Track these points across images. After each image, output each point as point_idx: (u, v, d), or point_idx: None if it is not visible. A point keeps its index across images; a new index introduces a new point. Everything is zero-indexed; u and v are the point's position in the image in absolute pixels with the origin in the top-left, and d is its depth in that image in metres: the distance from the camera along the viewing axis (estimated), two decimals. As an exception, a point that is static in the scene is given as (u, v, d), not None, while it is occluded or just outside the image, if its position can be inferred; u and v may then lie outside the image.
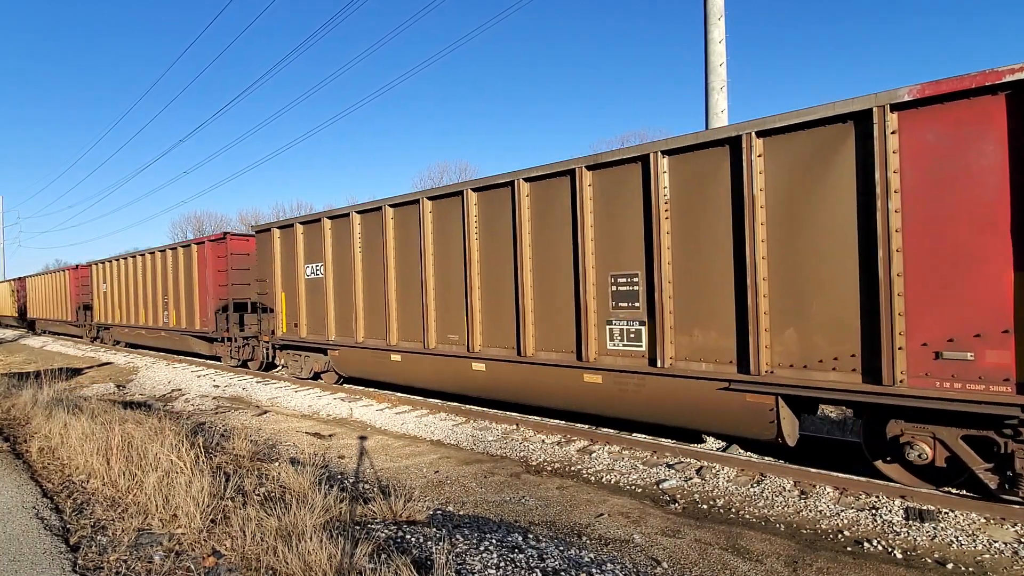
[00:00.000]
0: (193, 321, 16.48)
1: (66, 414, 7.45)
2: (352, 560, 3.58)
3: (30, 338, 31.62)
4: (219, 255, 15.60)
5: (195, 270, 16.32)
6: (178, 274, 17.26)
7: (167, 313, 17.87)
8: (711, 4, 10.69)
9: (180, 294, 17.14)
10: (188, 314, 16.77)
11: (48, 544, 4.03)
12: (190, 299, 16.60)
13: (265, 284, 13.00)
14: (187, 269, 16.86)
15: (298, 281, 11.91)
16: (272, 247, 12.65)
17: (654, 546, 4.80)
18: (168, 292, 17.75)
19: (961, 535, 4.80)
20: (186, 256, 17.00)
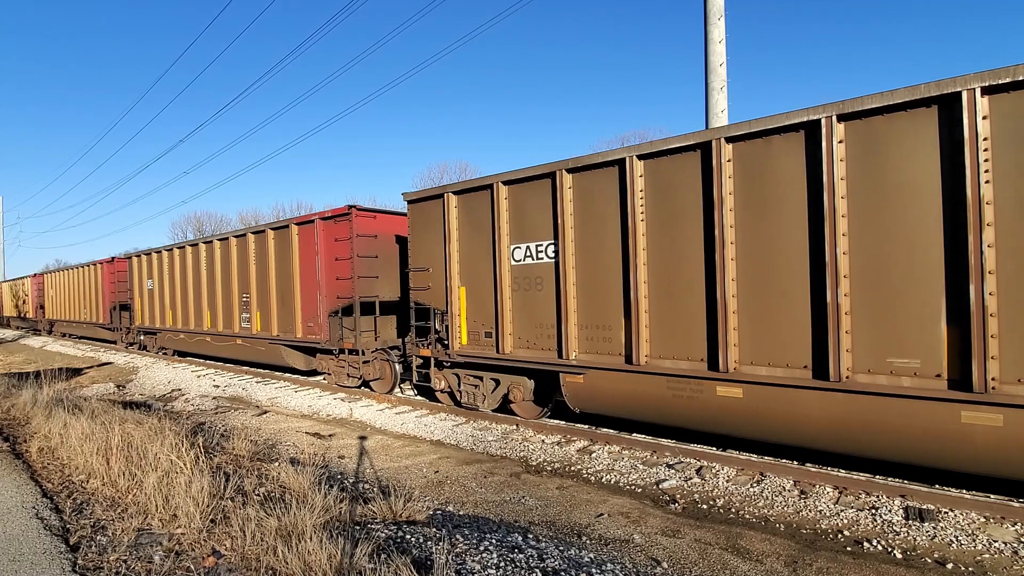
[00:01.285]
0: (291, 327, 12.58)
1: (66, 414, 7.45)
2: (352, 560, 3.58)
3: (30, 338, 31.57)
4: (338, 237, 11.43)
5: (296, 260, 12.40)
6: (266, 266, 13.24)
7: (248, 317, 13.98)
8: (711, 4, 10.69)
9: (270, 292, 13.15)
10: (284, 318, 12.82)
11: (48, 544, 4.02)
12: (287, 298, 12.69)
13: (427, 275, 9.44)
14: (283, 258, 12.86)
15: (498, 269, 8.29)
16: (443, 221, 9.04)
17: (654, 546, 4.80)
18: (250, 289, 13.81)
19: (961, 535, 4.80)
20: (281, 241, 12.94)
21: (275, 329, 13.10)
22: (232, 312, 14.61)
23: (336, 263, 11.49)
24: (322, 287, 11.74)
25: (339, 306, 11.51)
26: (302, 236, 12.37)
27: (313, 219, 11.96)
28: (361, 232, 11.31)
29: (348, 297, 11.29)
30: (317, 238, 11.80)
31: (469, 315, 8.89)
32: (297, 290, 12.45)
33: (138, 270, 19.67)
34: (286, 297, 12.80)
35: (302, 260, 12.32)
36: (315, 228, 11.87)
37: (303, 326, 12.38)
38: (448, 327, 9.17)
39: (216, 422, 9.66)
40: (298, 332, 12.45)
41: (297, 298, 12.45)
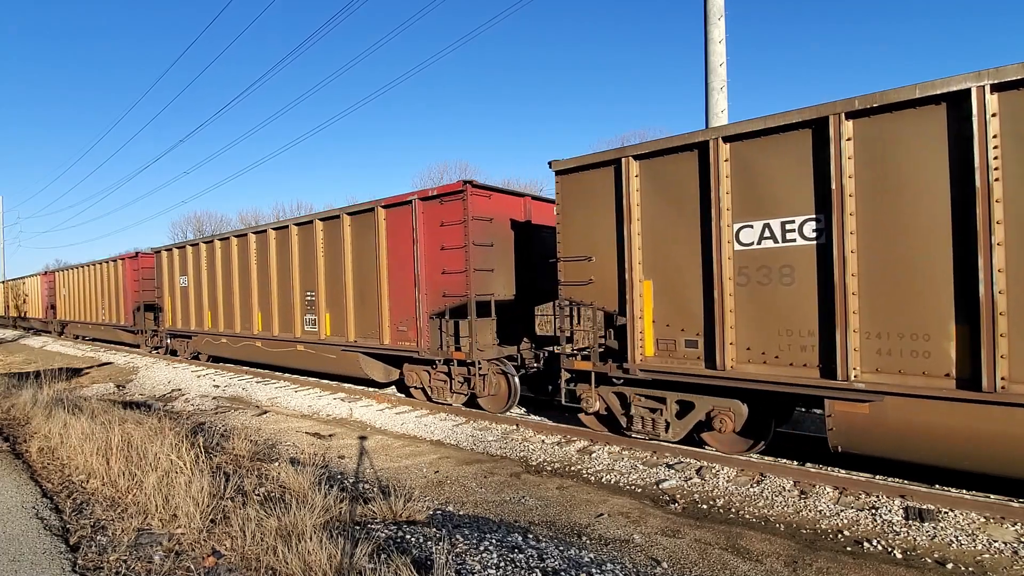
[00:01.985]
0: (374, 331, 10.53)
1: (66, 414, 7.45)
2: (352, 560, 3.58)
3: (30, 338, 31.56)
4: (445, 221, 9.36)
5: (382, 250, 10.38)
6: (340, 258, 11.26)
7: (313, 319, 12.06)
8: (711, 4, 10.69)
9: (344, 289, 11.15)
10: (364, 321, 10.83)
11: (48, 544, 4.02)
12: (368, 297, 10.70)
13: (587, 267, 7.39)
14: (363, 249, 10.82)
15: (714, 256, 6.24)
16: (617, 196, 7.02)
17: (654, 546, 4.80)
18: (317, 286, 11.83)
19: (961, 535, 4.80)
20: (360, 229, 10.87)
21: (352, 334, 11.02)
22: (292, 313, 12.55)
23: (442, 253, 9.43)
24: (421, 283, 9.65)
25: (445, 306, 9.42)
26: (392, 221, 10.25)
27: (410, 199, 9.81)
28: (477, 214, 9.18)
29: (459, 295, 9.14)
30: (416, 222, 9.69)
31: (658, 317, 6.80)
32: (383, 287, 10.37)
33: (168, 266, 17.47)
34: (367, 296, 10.72)
35: (392, 250, 10.27)
36: (412, 211, 9.76)
37: (392, 330, 10.27)
38: (627, 333, 6.96)
39: (216, 422, 9.65)
40: (385, 338, 10.33)
41: (384, 297, 10.37)
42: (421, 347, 9.71)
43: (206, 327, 15.78)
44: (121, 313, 21.24)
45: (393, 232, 10.30)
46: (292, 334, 12.61)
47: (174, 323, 17.49)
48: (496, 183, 12.14)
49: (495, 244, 9.53)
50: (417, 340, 9.77)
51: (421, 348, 9.72)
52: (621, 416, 7.51)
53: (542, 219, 10.59)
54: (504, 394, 9.37)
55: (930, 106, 5.13)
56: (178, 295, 17.13)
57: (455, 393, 9.85)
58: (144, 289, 19.91)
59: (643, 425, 7.30)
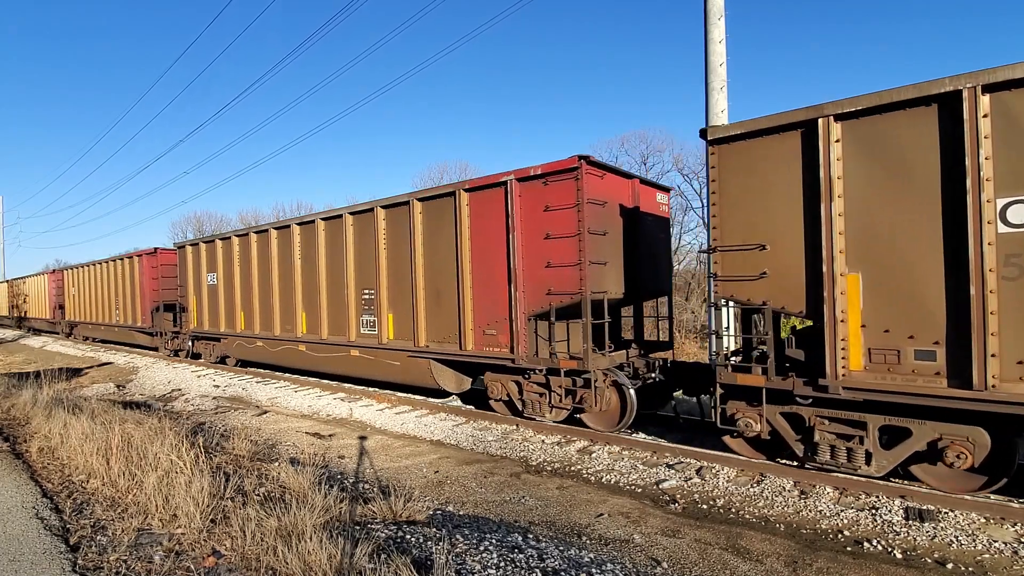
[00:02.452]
0: (450, 335, 9.19)
1: (66, 414, 7.45)
2: (352, 560, 3.58)
3: (29, 338, 31.54)
4: (551, 205, 7.90)
5: (464, 239, 8.96)
6: (406, 250, 9.83)
7: (373, 320, 10.60)
8: (711, 4, 10.70)
9: (413, 285, 9.76)
10: (439, 322, 9.40)
11: (48, 544, 4.02)
12: (445, 295, 9.27)
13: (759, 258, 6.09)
14: (438, 239, 9.39)
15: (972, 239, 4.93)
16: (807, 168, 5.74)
17: (654, 546, 4.80)
18: (378, 283, 10.40)
19: (961, 535, 4.80)
20: (435, 216, 9.46)
21: (423, 338, 9.64)
22: (346, 314, 11.14)
23: (546, 244, 7.93)
24: (518, 279, 8.21)
25: (549, 305, 7.93)
26: (478, 206, 8.77)
27: (503, 180, 8.34)
28: (593, 196, 7.74)
29: (570, 292, 7.73)
30: (511, 207, 8.21)
31: (869, 321, 5.44)
32: (465, 284, 8.92)
33: (194, 262, 16.06)
34: (444, 294, 9.32)
35: (478, 240, 8.80)
36: (506, 193, 8.29)
37: (476, 334, 8.83)
38: (822, 341, 5.64)
39: (216, 422, 9.65)
40: (467, 343, 8.90)
41: (466, 295, 8.91)
42: (518, 354, 8.27)
43: (238, 329, 14.37)
44: (138, 314, 19.72)
45: (479, 219, 8.76)
46: (345, 337, 11.19)
47: (200, 324, 16.05)
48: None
49: (607, 233, 8.14)
50: (512, 345, 8.35)
51: (518, 355, 8.27)
52: (795, 443, 6.12)
53: (647, 207, 9.33)
54: (615, 410, 8.02)
55: None
56: (205, 294, 15.72)
57: (554, 408, 8.38)
58: (164, 288, 18.50)
59: (832, 455, 5.85)
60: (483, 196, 8.75)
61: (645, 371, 8.53)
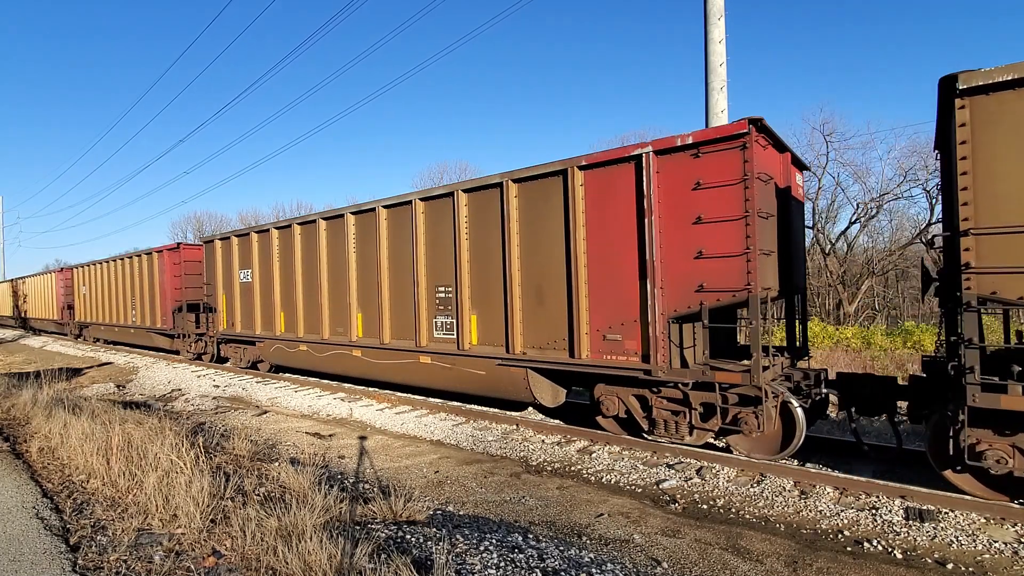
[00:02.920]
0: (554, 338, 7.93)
1: (66, 414, 7.45)
2: (352, 560, 3.57)
3: (29, 338, 31.52)
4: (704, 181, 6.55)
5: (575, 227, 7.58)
6: (497, 240, 8.50)
7: (450, 321, 9.29)
8: (711, 4, 10.70)
9: (505, 282, 8.40)
10: (536, 324, 8.15)
11: (48, 544, 4.02)
12: (548, 292, 7.98)
13: None
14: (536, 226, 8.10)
15: None
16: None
17: (654, 546, 4.80)
18: (456, 278, 9.07)
19: (961, 535, 4.80)
20: (531, 199, 8.14)
21: (519, 343, 8.29)
22: (414, 315, 9.75)
23: (696, 229, 6.57)
24: (656, 272, 6.82)
25: (700, 305, 6.56)
26: (597, 186, 7.37)
27: (636, 153, 6.94)
28: (762, 170, 6.44)
29: (731, 289, 6.33)
30: (646, 185, 6.83)
31: None
32: (579, 279, 7.52)
33: (224, 258, 14.70)
34: (547, 291, 7.95)
35: (596, 226, 7.41)
36: (641, 169, 6.91)
37: (593, 339, 7.47)
38: None
39: (216, 422, 9.65)
40: (581, 350, 7.52)
41: (580, 292, 7.53)
42: (655, 363, 6.84)
43: (277, 331, 12.98)
44: (157, 314, 18.34)
45: (598, 201, 7.37)
46: (413, 342, 9.79)
47: (230, 326, 14.64)
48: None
49: (770, 217, 6.87)
50: (647, 353, 6.95)
51: (655, 365, 6.84)
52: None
53: (795, 187, 8.17)
54: (776, 433, 6.59)
55: None
56: (237, 293, 14.30)
57: (698, 429, 6.98)
58: (187, 286, 17.20)
59: None
60: (604, 174, 7.31)
61: (805, 384, 6.98)
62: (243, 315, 14.31)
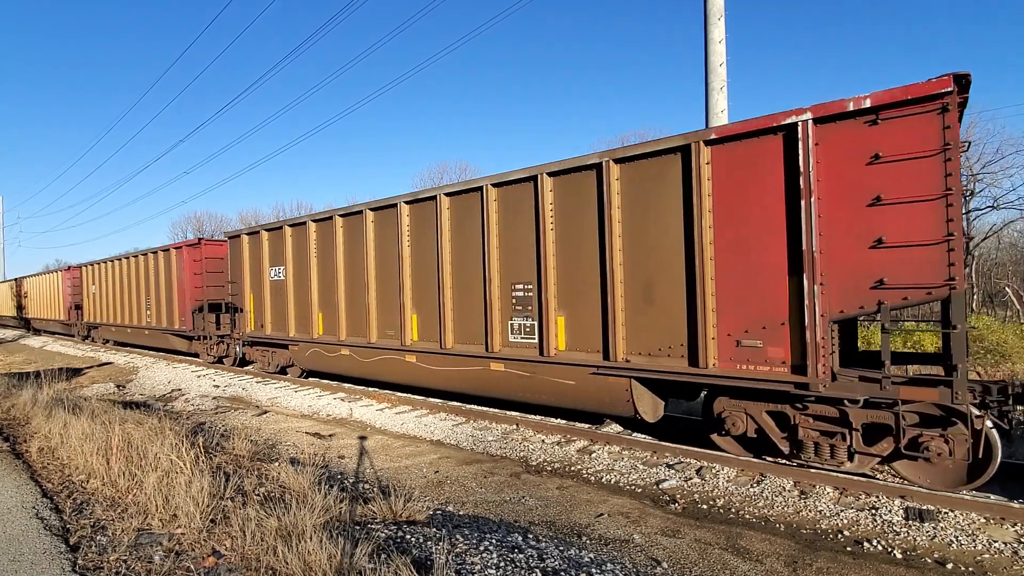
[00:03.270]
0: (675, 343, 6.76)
1: (66, 414, 7.45)
2: (352, 560, 3.58)
3: (29, 338, 31.50)
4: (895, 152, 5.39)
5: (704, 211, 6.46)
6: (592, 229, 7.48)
7: (528, 325, 8.22)
8: (711, 4, 10.69)
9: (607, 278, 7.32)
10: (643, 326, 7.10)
11: (48, 544, 4.02)
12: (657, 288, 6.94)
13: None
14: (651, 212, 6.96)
15: None
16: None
17: (654, 546, 4.80)
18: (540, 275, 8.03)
19: (961, 535, 4.80)
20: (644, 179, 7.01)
21: (621, 349, 7.20)
22: (484, 316, 8.64)
23: (871, 212, 5.50)
24: (815, 264, 5.73)
25: (876, 304, 5.49)
26: (728, 162, 6.32)
27: (790, 121, 5.84)
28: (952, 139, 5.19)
29: (925, 285, 5.27)
30: (803, 161, 5.77)
31: None
32: (705, 272, 6.45)
33: (252, 254, 13.64)
34: (658, 287, 6.88)
35: (726, 210, 6.33)
36: (796, 140, 5.82)
37: (722, 345, 6.37)
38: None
39: (216, 422, 9.65)
40: (708, 357, 6.41)
41: (705, 289, 6.43)
42: (816, 375, 5.71)
43: (315, 333, 11.77)
44: (175, 315, 17.15)
45: (730, 181, 6.30)
46: (481, 347, 8.77)
47: (259, 327, 13.51)
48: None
49: None
50: (800, 363, 5.82)
51: (816, 377, 5.72)
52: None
53: None
54: (960, 460, 5.45)
55: None
56: (267, 292, 13.18)
57: (861, 454, 5.94)
58: (209, 285, 16.10)
59: None
60: (740, 149, 6.24)
61: (991, 399, 5.66)
62: (274, 316, 13.14)
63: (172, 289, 17.38)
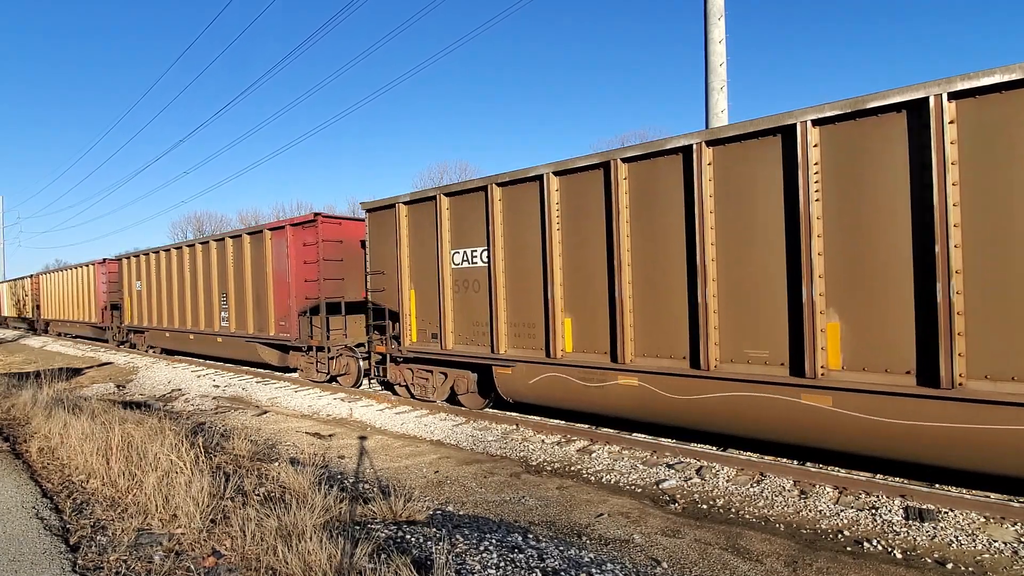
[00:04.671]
0: None
1: (66, 414, 7.44)
2: (352, 560, 3.57)
3: (30, 338, 31.46)
4: None
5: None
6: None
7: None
8: (711, 4, 10.70)
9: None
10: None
11: (48, 544, 4.02)
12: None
13: None
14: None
15: None
16: None
17: (654, 546, 4.80)
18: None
19: (961, 535, 4.80)
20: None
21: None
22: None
23: None
24: None
25: None
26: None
27: None
28: None
29: None
30: None
31: None
32: None
33: (412, 232, 9.82)
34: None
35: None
36: None
37: None
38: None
39: (216, 422, 9.65)
40: None
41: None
42: None
43: (557, 349, 7.86)
44: (269, 319, 13.13)
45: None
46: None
47: (427, 338, 9.66)
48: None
49: None
50: None
51: None
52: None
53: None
54: None
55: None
56: (446, 285, 9.29)
57: None
58: (327, 277, 11.97)
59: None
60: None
61: None
62: (461, 321, 9.15)
63: (266, 284, 13.19)
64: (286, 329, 12.67)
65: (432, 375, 10.10)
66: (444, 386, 9.93)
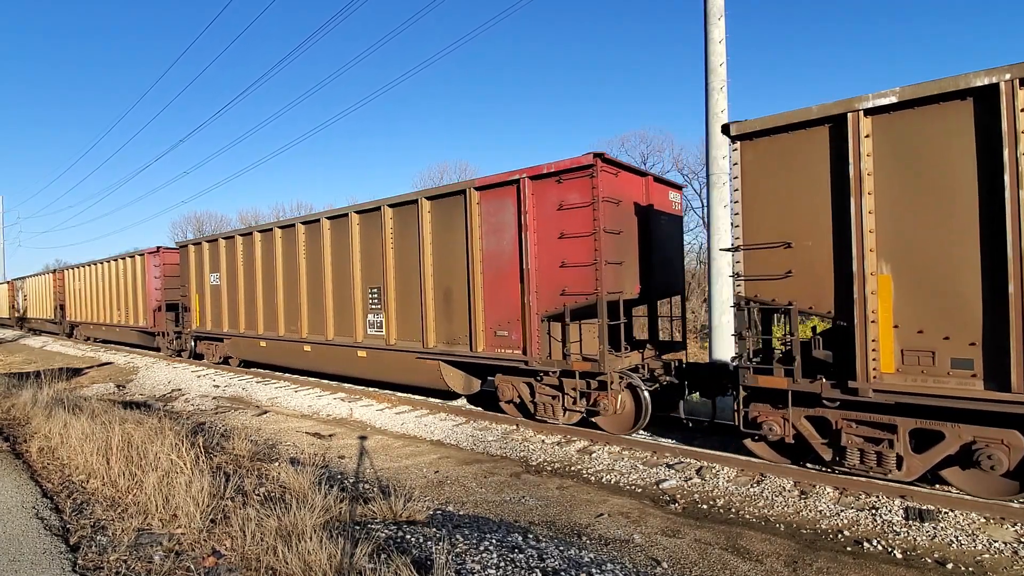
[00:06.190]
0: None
1: (66, 414, 7.44)
2: (352, 560, 3.57)
3: (29, 338, 31.46)
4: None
5: None
6: None
7: None
8: (711, 4, 10.70)
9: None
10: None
11: (48, 544, 4.02)
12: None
13: None
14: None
15: None
16: None
17: (654, 546, 4.80)
18: None
19: (961, 535, 4.80)
20: None
21: None
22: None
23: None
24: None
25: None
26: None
27: None
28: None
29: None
30: None
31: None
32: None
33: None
34: None
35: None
36: None
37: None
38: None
39: (216, 422, 9.65)
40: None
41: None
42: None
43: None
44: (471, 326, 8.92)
45: None
46: None
47: None
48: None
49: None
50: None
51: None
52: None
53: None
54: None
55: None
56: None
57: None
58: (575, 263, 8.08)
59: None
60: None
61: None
62: None
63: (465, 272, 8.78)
64: (508, 343, 8.57)
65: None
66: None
